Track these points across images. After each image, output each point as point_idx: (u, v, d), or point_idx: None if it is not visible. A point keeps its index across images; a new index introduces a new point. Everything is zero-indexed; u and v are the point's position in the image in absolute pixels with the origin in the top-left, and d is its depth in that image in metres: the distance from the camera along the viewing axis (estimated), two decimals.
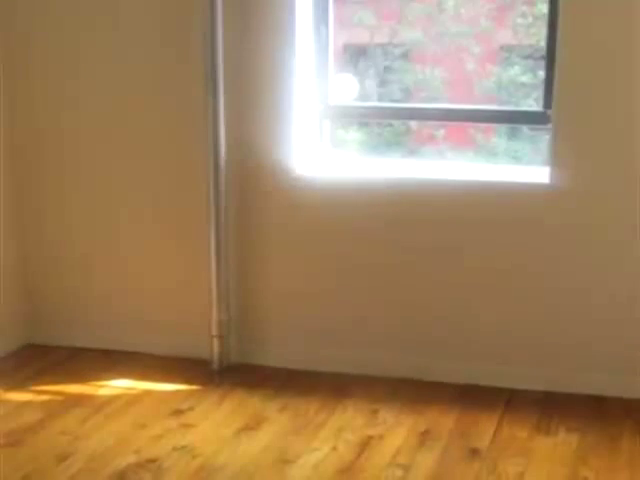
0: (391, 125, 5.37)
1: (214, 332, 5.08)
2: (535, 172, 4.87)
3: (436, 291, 4.92)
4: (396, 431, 4.41)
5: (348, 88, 5.28)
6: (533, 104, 5.03)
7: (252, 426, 4.45)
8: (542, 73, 4.80)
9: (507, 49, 5.19)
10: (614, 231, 4.66)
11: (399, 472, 4.04)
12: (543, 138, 4.97)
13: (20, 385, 4.89)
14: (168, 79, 5.04)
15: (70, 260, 5.38)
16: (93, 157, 5.23)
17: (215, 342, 5.09)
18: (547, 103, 4.74)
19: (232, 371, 5.09)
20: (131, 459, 4.13)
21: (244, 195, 5.05)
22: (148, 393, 4.83)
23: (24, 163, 5.31)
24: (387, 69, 5.35)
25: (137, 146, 5.17)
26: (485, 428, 4.43)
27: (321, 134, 5.13)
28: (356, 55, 5.39)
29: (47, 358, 5.24)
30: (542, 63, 4.77)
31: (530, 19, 5.04)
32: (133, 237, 5.27)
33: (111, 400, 4.73)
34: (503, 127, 5.24)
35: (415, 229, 4.89)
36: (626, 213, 4.61)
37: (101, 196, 5.26)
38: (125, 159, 5.20)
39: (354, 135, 5.46)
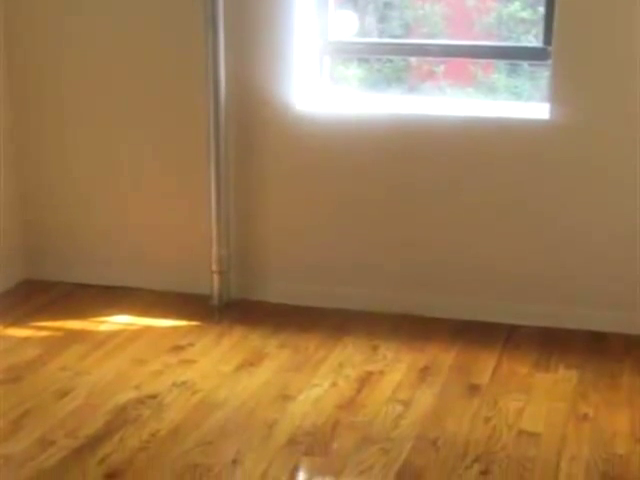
0: (391, 61, 5.24)
1: (214, 268, 4.99)
2: (535, 108, 4.78)
3: (436, 227, 4.83)
4: (396, 367, 4.32)
5: (348, 24, 5.15)
6: (533, 40, 4.91)
7: (252, 362, 4.37)
8: (542, 9, 4.68)
9: None
10: (614, 167, 4.58)
11: (399, 408, 3.97)
12: (543, 74, 4.86)
13: (20, 321, 4.80)
14: (169, 16, 4.90)
15: (70, 196, 5.27)
16: (93, 93, 5.10)
17: (215, 278, 5.00)
18: (547, 39, 4.62)
19: (232, 307, 5.00)
20: (131, 395, 4.05)
21: (244, 131, 4.94)
22: (148, 329, 4.74)
23: (23, 99, 5.18)
24: (387, 5, 5.22)
25: (137, 83, 5.04)
26: (485, 364, 4.35)
27: (321, 70, 5.01)
28: None
29: (47, 294, 5.14)
30: None
31: None
32: (133, 173, 5.16)
33: (111, 336, 4.64)
34: (503, 63, 5.12)
35: (415, 165, 4.80)
36: (626, 149, 4.53)
37: (101, 133, 5.15)
38: (125, 96, 5.08)
39: (354, 71, 5.33)
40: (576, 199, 4.64)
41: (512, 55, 4.97)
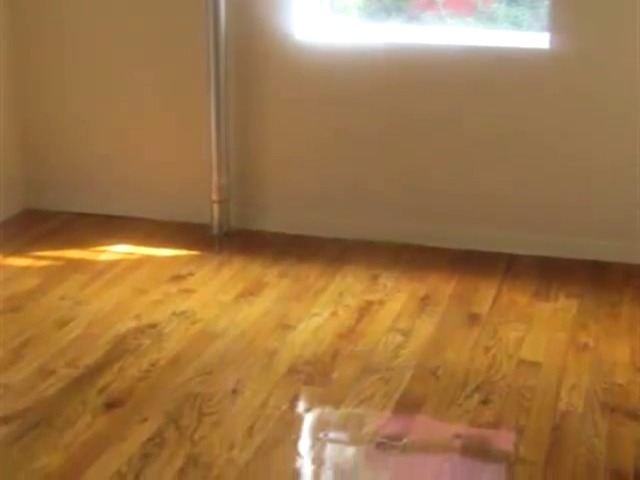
0: None
1: (214, 197, 4.88)
2: (535, 38, 4.66)
3: (436, 157, 4.73)
4: (396, 296, 4.24)
5: None
6: None
7: (252, 291, 4.27)
8: None
9: None
10: (614, 97, 4.48)
11: (399, 337, 3.88)
12: (543, 3, 4.72)
13: (20, 251, 4.70)
14: None
15: (70, 126, 5.15)
16: (94, 25, 4.97)
17: (215, 207, 4.90)
18: None
19: (232, 236, 4.90)
20: (131, 324, 3.97)
21: (244, 62, 4.82)
22: (148, 258, 4.64)
23: (24, 30, 5.04)
24: None
25: (137, 14, 4.91)
26: (485, 294, 4.26)
27: (321, 0, 4.88)
28: None
29: (47, 224, 5.04)
30: None
31: None
32: (133, 103, 5.04)
33: (111, 265, 4.54)
34: None
35: (414, 95, 4.69)
36: (626, 78, 4.43)
37: (101, 64, 5.02)
38: (125, 26, 4.94)
39: (354, 0, 5.18)
40: (576, 128, 4.54)
41: None
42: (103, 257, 4.65)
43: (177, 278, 4.41)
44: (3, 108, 5.02)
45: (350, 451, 3.21)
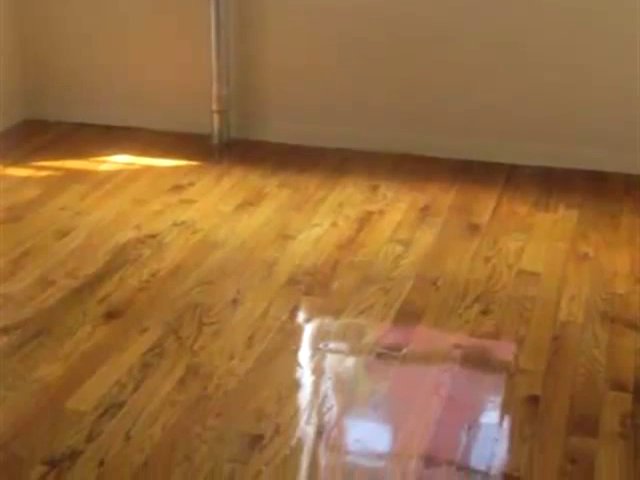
0: None
1: (214, 107, 4.76)
2: None
3: (437, 67, 4.60)
4: (396, 207, 4.13)
5: None
6: None
7: (252, 202, 4.17)
8: None
9: None
10: (615, 8, 4.34)
11: (399, 247, 3.79)
12: None
13: (20, 161, 4.58)
14: None
15: (70, 36, 5.01)
16: None
17: (215, 118, 4.77)
18: None
19: (232, 147, 4.78)
20: (131, 234, 3.87)
21: None
22: (148, 169, 4.52)
23: None
24: None
25: None
26: (485, 204, 4.16)
27: None
28: None
29: (47, 134, 4.91)
30: None
31: None
32: (134, 13, 4.90)
33: (111, 176, 4.43)
34: None
35: (416, 6, 4.55)
36: None
37: None
38: None
39: None
40: (577, 40, 4.42)
41: None
42: (103, 167, 4.54)
43: (177, 188, 4.30)
44: (3, 19, 4.87)
45: (350, 361, 3.14)
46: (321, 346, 3.18)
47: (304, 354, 3.15)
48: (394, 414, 2.92)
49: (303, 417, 2.82)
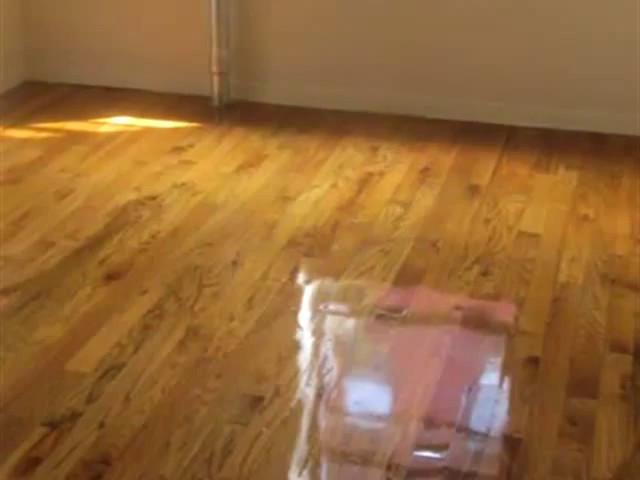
0: None
1: (214, 69, 4.69)
2: None
3: (437, 28, 4.53)
4: (396, 168, 4.08)
5: None
6: None
7: (252, 163, 4.11)
8: None
9: None
10: None
11: (399, 209, 3.74)
12: None
13: (20, 122, 4.52)
14: None
15: None
16: None
17: (215, 79, 4.70)
18: None
19: (232, 108, 4.71)
20: (131, 196, 3.82)
21: None
22: (148, 130, 4.46)
23: None
24: None
25: None
26: (485, 165, 4.11)
27: None
28: None
29: (47, 95, 4.83)
30: None
31: None
32: None
33: (111, 137, 4.37)
34: None
35: None
36: None
37: None
38: None
39: None
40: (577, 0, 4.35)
41: None
42: (103, 129, 4.47)
43: (177, 150, 4.23)
44: None
45: (350, 323, 3.10)
46: (321, 308, 3.13)
47: (304, 316, 3.11)
48: (394, 376, 2.89)
49: (303, 379, 2.79)
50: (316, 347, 2.95)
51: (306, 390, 2.74)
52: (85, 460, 2.44)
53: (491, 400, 2.72)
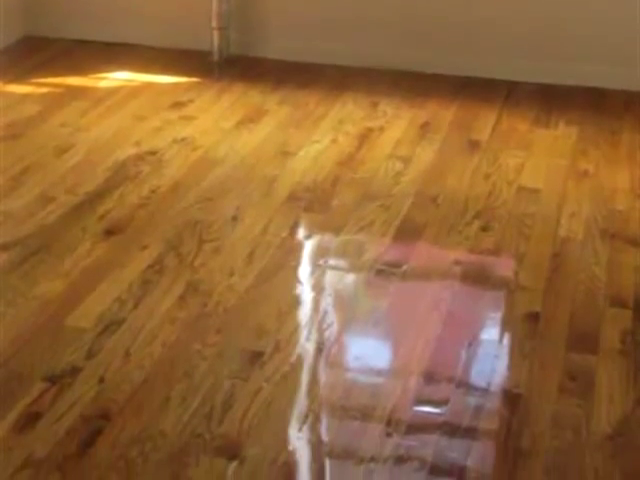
0: None
1: (214, 24, 4.59)
2: None
3: None
4: (396, 123, 4.00)
5: None
6: None
7: (252, 118, 4.03)
8: None
9: None
10: None
11: (399, 164, 3.67)
12: None
13: (19, 78, 4.42)
14: None
15: None
16: None
17: (215, 34, 4.60)
18: None
19: (232, 63, 4.62)
20: (131, 151, 3.75)
21: None
22: (148, 85, 4.38)
23: None
24: None
25: None
26: (485, 121, 4.03)
27: None
28: None
29: (47, 51, 4.73)
30: None
31: None
32: None
33: (111, 92, 4.28)
34: None
35: None
36: None
37: None
38: None
39: None
40: None
41: None
42: (103, 84, 4.38)
43: (177, 105, 4.15)
44: None
45: (350, 278, 3.05)
46: (321, 263, 3.08)
47: (304, 271, 3.05)
48: (394, 331, 2.84)
49: (303, 334, 2.74)
50: (316, 302, 2.90)
51: (306, 345, 2.69)
52: (85, 415, 2.40)
53: (491, 355, 2.68)
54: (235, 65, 4.59)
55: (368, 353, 2.74)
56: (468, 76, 4.40)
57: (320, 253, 3.15)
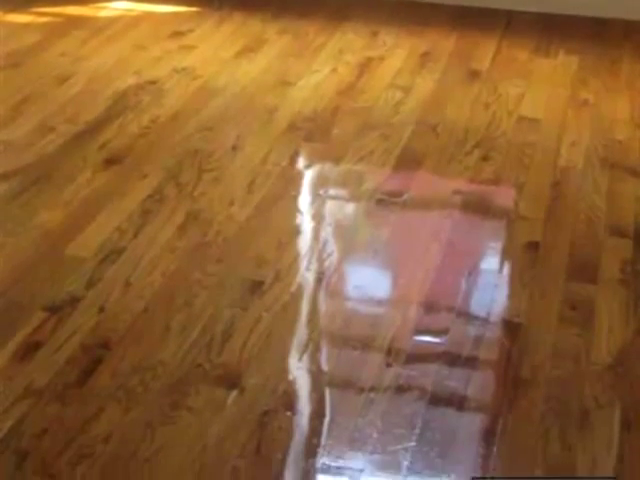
0: None
1: None
2: None
3: None
4: (396, 53, 3.86)
5: None
6: None
7: (252, 48, 3.89)
8: None
9: None
10: None
11: (399, 94, 3.54)
12: None
13: (20, 7, 4.26)
14: None
15: None
16: None
17: None
18: None
19: None
20: (131, 80, 3.62)
21: None
22: (148, 15, 4.22)
23: None
24: None
25: None
26: (485, 50, 3.88)
27: None
28: None
29: None
30: None
31: None
32: None
33: (111, 22, 4.14)
34: None
35: None
36: None
37: None
38: None
39: None
40: None
41: None
42: (103, 13, 4.23)
43: (177, 34, 4.00)
44: None
45: (350, 207, 2.94)
46: (321, 192, 2.98)
47: (304, 200, 2.95)
48: (394, 260, 2.75)
49: (303, 263, 2.65)
50: (316, 232, 2.80)
51: (306, 275, 2.60)
52: (85, 344, 2.33)
53: (491, 285, 2.59)
54: None
55: (368, 283, 2.65)
56: (467, 5, 4.22)
57: (320, 182, 3.04)
